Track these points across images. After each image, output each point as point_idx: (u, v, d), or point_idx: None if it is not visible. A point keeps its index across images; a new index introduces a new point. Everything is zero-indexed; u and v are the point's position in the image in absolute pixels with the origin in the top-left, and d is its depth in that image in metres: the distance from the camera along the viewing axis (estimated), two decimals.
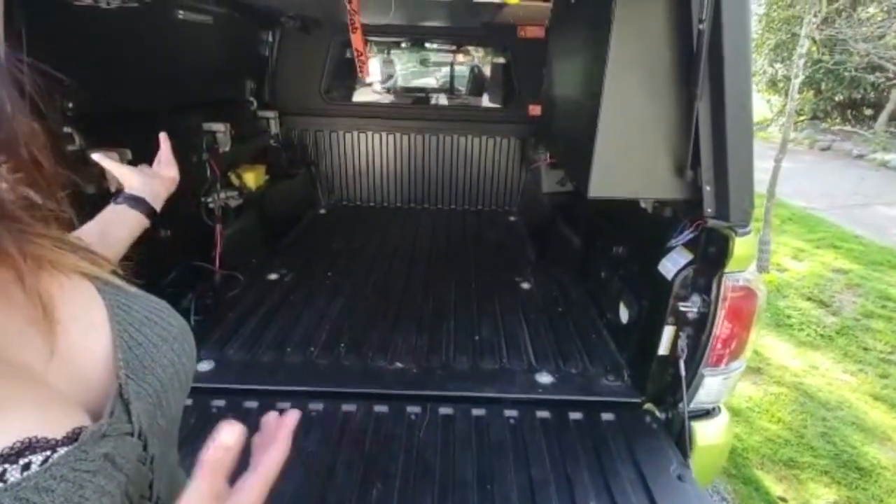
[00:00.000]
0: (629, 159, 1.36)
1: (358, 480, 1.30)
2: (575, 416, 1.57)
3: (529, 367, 1.80)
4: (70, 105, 1.70)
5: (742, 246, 1.31)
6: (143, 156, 1.86)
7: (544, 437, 1.47)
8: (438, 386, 1.68)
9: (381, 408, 1.57)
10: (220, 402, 1.57)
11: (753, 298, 1.41)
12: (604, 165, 1.35)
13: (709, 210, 1.32)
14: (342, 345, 1.89)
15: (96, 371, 0.41)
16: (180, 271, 2.18)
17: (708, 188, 1.29)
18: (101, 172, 1.83)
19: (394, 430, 1.48)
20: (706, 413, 1.58)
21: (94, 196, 1.78)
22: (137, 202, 0.83)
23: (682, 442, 1.50)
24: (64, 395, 0.38)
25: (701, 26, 1.08)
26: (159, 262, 2.12)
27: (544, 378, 1.73)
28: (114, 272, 0.48)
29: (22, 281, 0.38)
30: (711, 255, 1.37)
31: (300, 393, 1.63)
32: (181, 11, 2.23)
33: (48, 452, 0.32)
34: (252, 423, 1.46)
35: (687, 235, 1.45)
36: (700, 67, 1.13)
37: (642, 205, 1.78)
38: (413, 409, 1.57)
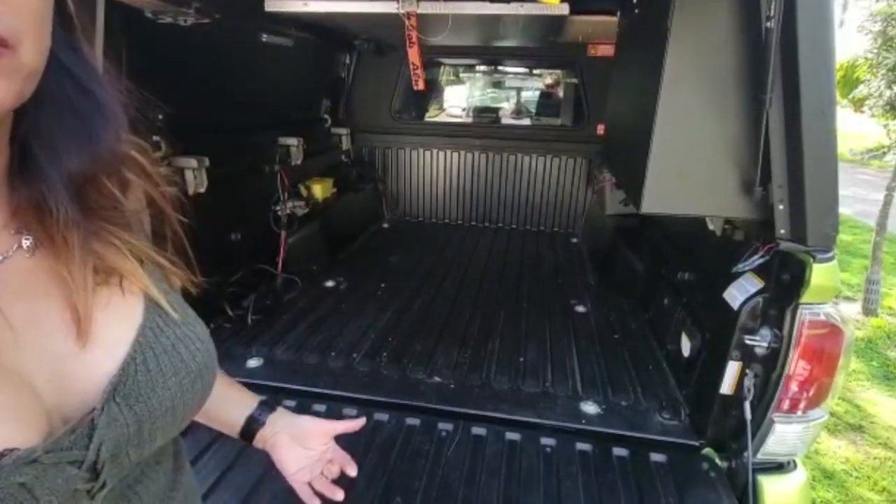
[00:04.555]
0: (688, 173, 1.24)
1: (379, 491, 1.27)
2: (620, 452, 1.43)
3: (574, 394, 1.68)
4: (160, 116, 1.90)
5: (823, 274, 1.14)
6: (220, 163, 2.05)
7: (582, 472, 1.35)
8: (475, 404, 1.62)
9: (412, 420, 1.54)
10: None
11: (838, 337, 1.21)
12: (659, 178, 1.25)
13: (781, 231, 1.16)
14: (384, 354, 1.89)
15: (95, 391, 0.40)
16: (245, 272, 2.32)
17: (780, 207, 1.14)
18: (181, 178, 2.02)
19: (422, 446, 1.44)
20: (778, 467, 1.37)
21: (176, 198, 1.96)
22: (259, 423, 0.74)
23: (745, 498, 1.31)
24: (25, 412, 0.36)
25: (769, 24, 0.97)
26: (228, 262, 2.27)
27: (590, 408, 1.60)
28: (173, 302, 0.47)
29: (70, 288, 0.40)
30: (784, 283, 1.20)
31: (337, 397, 1.64)
32: (265, 35, 2.43)
33: None
34: None
35: (757, 260, 1.29)
36: (770, 70, 1.01)
37: (711, 227, 1.62)
38: (445, 426, 1.51)
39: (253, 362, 1.82)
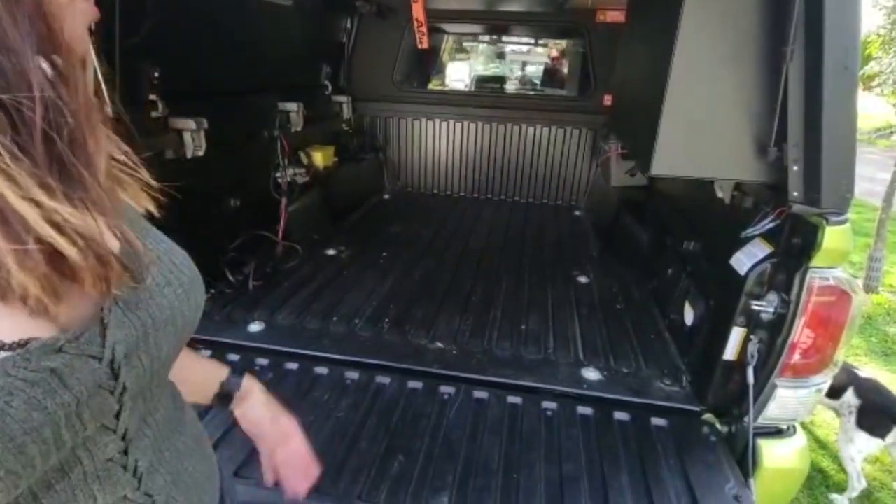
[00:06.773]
0: (700, 134, 1.20)
1: (381, 451, 1.28)
2: (621, 416, 1.44)
3: (576, 360, 1.68)
4: (156, 74, 1.84)
5: (835, 238, 1.12)
6: (219, 126, 2.00)
7: (582, 434, 1.36)
8: (476, 370, 1.62)
9: (414, 384, 1.54)
10: (264, 361, 1.63)
11: (846, 303, 1.20)
12: (670, 139, 1.21)
13: (795, 194, 1.14)
14: (385, 320, 1.88)
15: (91, 303, 0.41)
16: (246, 238, 2.30)
17: (795, 168, 1.11)
18: (179, 138, 1.97)
19: (424, 408, 1.44)
20: (778, 432, 1.38)
21: (174, 160, 1.91)
22: (227, 399, 0.72)
23: (744, 460, 1.32)
24: (42, 309, 0.36)
25: None
26: (228, 228, 2.25)
27: (591, 374, 1.61)
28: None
29: None
30: (795, 247, 1.18)
31: (338, 361, 1.64)
32: None
33: None
34: (290, 383, 1.45)
35: (767, 225, 1.27)
36: (793, 21, 0.97)
37: (719, 194, 1.60)
38: (446, 390, 1.52)
39: (255, 327, 1.81)
